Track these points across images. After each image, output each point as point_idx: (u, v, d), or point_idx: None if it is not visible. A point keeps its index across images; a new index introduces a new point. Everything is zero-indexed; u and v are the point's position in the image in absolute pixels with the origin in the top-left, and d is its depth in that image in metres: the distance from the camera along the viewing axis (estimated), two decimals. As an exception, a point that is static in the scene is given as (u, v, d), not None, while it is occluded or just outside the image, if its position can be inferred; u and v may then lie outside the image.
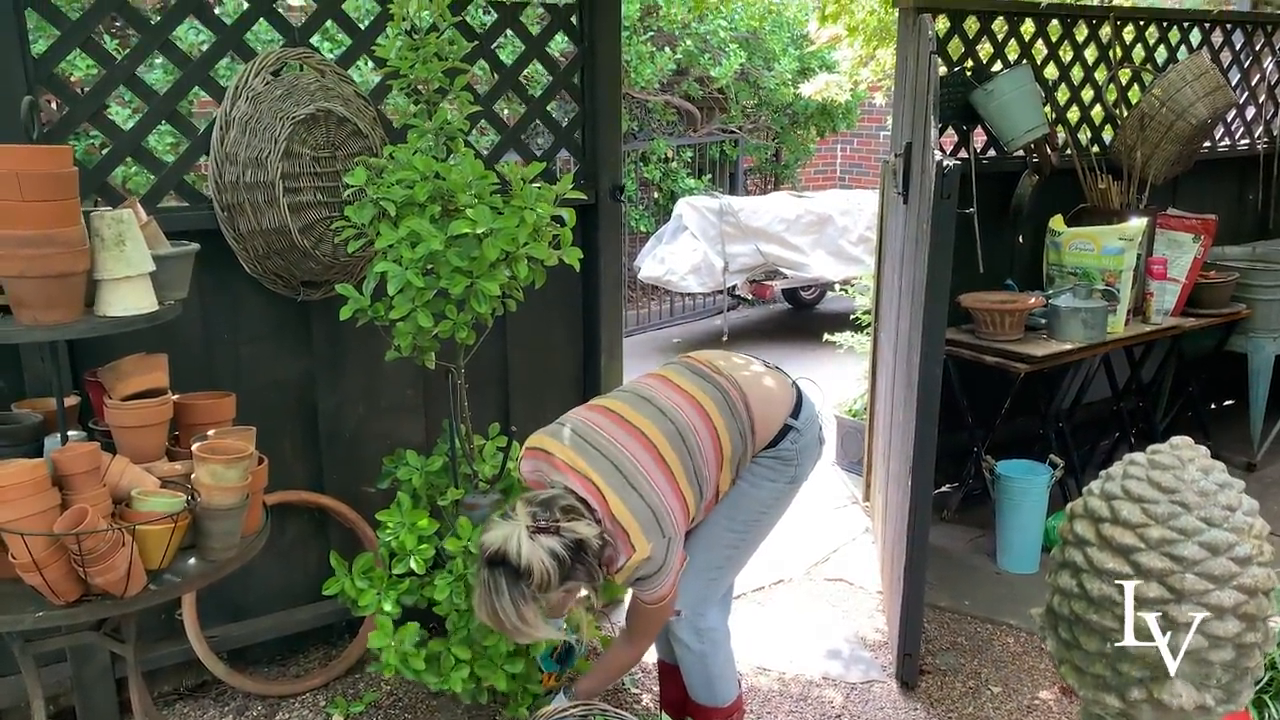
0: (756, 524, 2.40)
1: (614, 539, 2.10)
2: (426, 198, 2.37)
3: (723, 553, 2.39)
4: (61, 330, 1.92)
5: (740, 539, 2.41)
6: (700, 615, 2.41)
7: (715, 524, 2.37)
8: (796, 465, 2.38)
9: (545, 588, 2.00)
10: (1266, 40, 4.99)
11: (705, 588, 2.40)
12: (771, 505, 2.39)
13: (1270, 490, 4.40)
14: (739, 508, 2.37)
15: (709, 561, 2.39)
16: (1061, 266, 4.06)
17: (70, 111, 2.56)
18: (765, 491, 2.37)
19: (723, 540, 2.38)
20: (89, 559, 1.82)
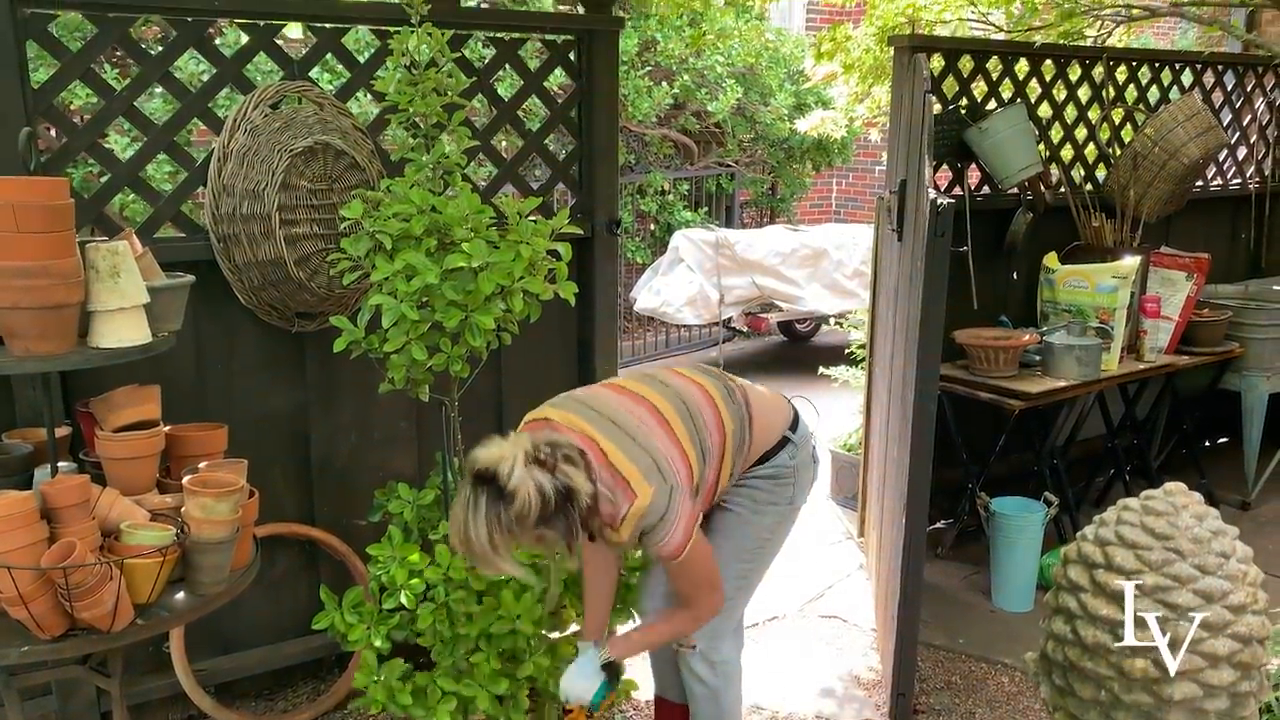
0: (761, 551, 2.39)
1: (614, 490, 2.03)
2: (423, 231, 2.37)
3: (732, 583, 2.33)
4: (54, 362, 1.91)
5: (747, 568, 2.39)
6: (714, 648, 2.38)
7: (720, 555, 2.32)
8: (794, 485, 2.36)
9: (522, 521, 1.91)
10: (1257, 81, 5.04)
11: (718, 620, 2.34)
12: (773, 530, 2.38)
13: (1265, 529, 4.39)
14: (743, 536, 2.35)
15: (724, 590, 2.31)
16: (1056, 303, 4.08)
17: (69, 142, 2.57)
18: (767, 517, 2.35)
19: (730, 571, 2.32)
20: (76, 593, 1.80)
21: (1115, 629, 1.31)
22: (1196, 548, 1.29)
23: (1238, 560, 1.31)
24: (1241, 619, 1.28)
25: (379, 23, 2.96)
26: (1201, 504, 1.34)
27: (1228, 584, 1.27)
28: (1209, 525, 1.31)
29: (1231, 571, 1.29)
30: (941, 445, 3.84)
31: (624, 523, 2.04)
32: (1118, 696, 1.31)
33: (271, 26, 2.77)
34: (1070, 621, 1.38)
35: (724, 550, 2.33)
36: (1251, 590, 1.30)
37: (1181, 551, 1.28)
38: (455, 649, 2.44)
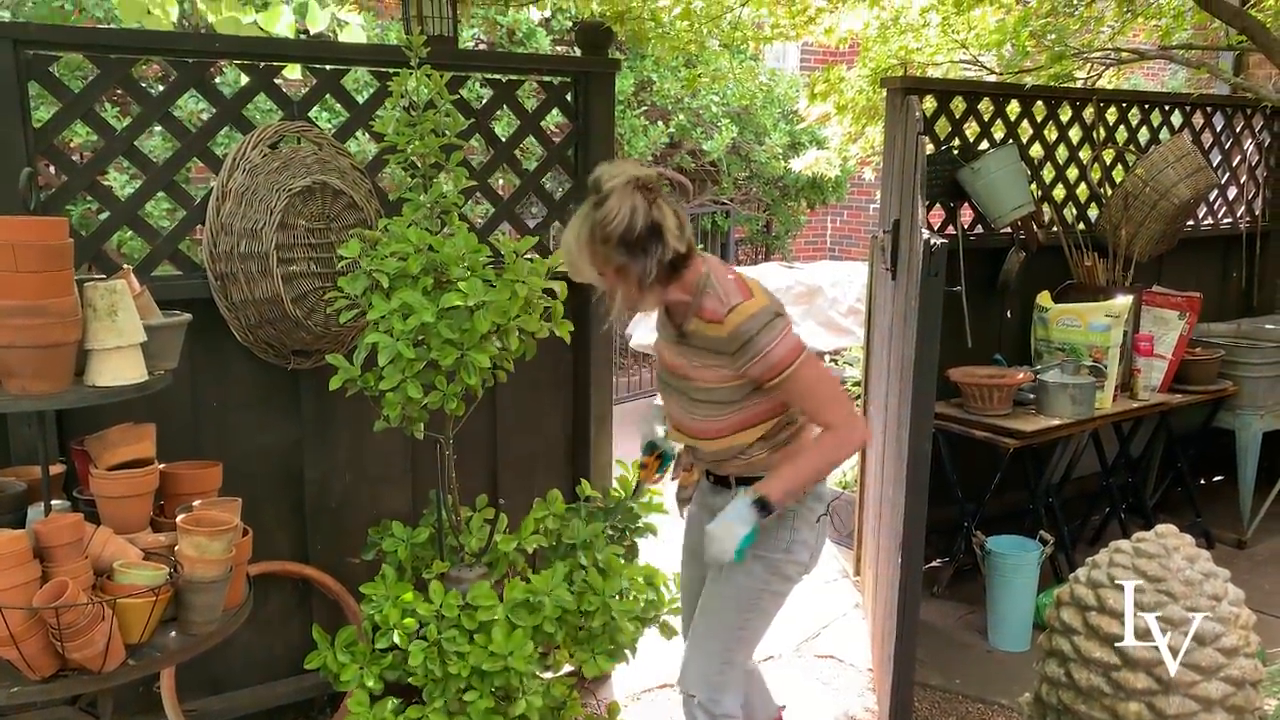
0: (758, 601, 2.30)
1: (727, 289, 2.08)
2: (420, 270, 2.39)
3: (732, 634, 2.30)
4: (50, 400, 1.91)
5: (746, 618, 2.31)
6: (715, 701, 2.30)
7: (716, 604, 2.31)
8: (791, 530, 2.28)
9: (606, 232, 1.99)
10: (1246, 122, 5.10)
11: (719, 673, 2.30)
12: (767, 580, 2.29)
13: (1261, 568, 4.38)
14: (739, 584, 2.28)
15: (719, 647, 2.31)
16: (1049, 342, 4.10)
17: (69, 181, 2.59)
18: (762, 564, 2.27)
19: (728, 620, 2.29)
20: (67, 633, 1.79)
21: (1109, 672, 1.31)
22: (1188, 590, 1.29)
23: (1229, 603, 1.31)
24: (1234, 662, 1.28)
25: (378, 64, 3.00)
26: (1193, 545, 1.35)
27: (1220, 627, 1.28)
28: (1200, 568, 1.32)
29: (1223, 614, 1.30)
30: (937, 484, 3.83)
31: (731, 314, 2.05)
32: (1112, 740, 1.32)
33: (271, 68, 2.80)
34: (1064, 664, 1.38)
35: (721, 598, 2.30)
36: (1244, 633, 1.30)
37: (1173, 594, 1.28)
38: (447, 688, 2.42)
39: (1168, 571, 1.31)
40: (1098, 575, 1.38)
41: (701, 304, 2.10)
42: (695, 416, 2.22)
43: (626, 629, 2.58)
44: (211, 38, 2.87)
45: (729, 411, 2.18)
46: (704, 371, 2.17)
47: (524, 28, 6.64)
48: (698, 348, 2.16)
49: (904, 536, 2.81)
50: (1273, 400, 4.48)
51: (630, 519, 2.88)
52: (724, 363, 2.13)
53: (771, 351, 2.06)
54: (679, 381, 2.25)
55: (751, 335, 2.06)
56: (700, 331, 2.13)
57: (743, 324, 2.06)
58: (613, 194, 2.00)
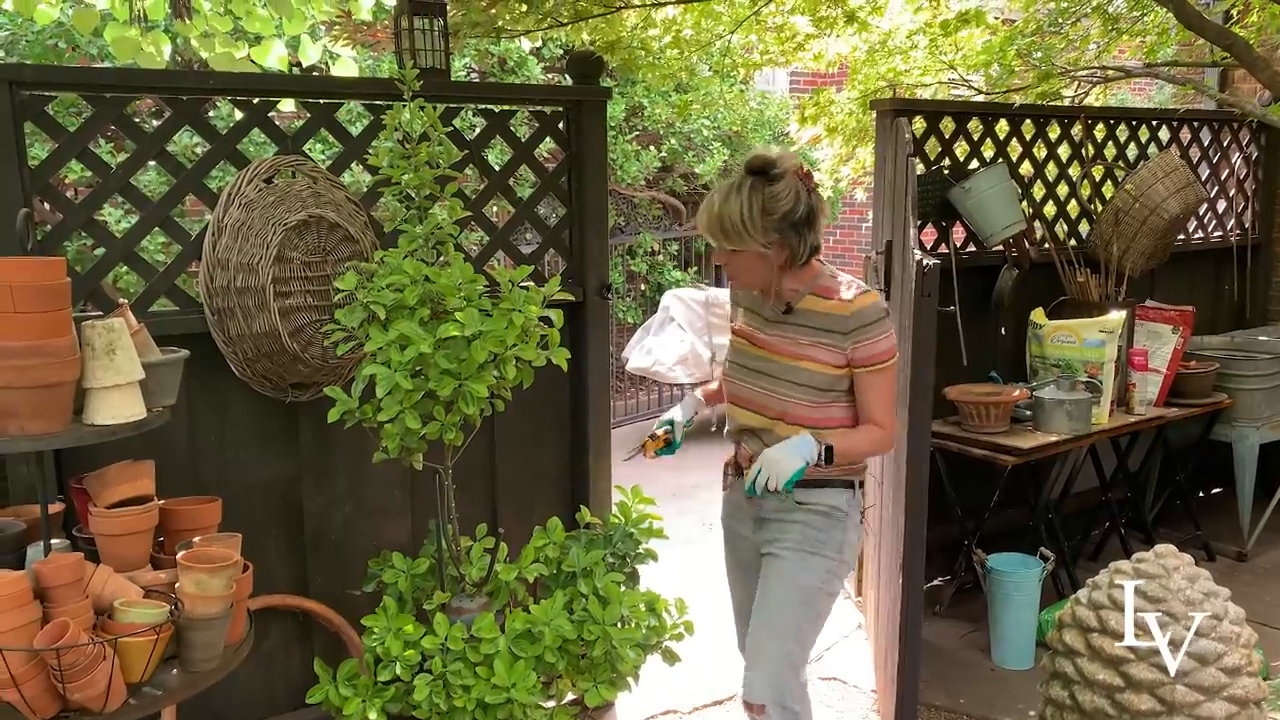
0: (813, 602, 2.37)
1: (847, 281, 2.33)
2: (416, 301, 2.40)
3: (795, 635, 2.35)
4: (48, 441, 1.92)
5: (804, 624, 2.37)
6: (787, 707, 2.33)
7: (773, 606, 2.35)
8: (844, 531, 2.36)
9: (772, 207, 2.19)
10: (1233, 136, 5.14)
11: (787, 676, 2.34)
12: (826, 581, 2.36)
13: (1262, 580, 4.38)
14: (794, 586, 2.35)
15: (782, 650, 2.34)
16: (1044, 358, 4.11)
17: (65, 219, 2.60)
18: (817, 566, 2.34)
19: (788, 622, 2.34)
20: (69, 674, 1.78)
21: (1113, 694, 1.31)
22: (1189, 609, 1.30)
23: (1230, 622, 1.32)
24: (1237, 681, 1.28)
25: (372, 97, 3.02)
26: (1192, 565, 1.35)
27: (1222, 646, 1.28)
28: (1201, 587, 1.32)
29: (1225, 634, 1.30)
30: (936, 502, 3.84)
31: (861, 296, 2.28)
32: (1118, 762, 1.32)
33: (266, 103, 2.83)
34: (1068, 686, 1.38)
35: (780, 600, 2.35)
36: (1245, 653, 1.30)
37: (1175, 615, 1.29)
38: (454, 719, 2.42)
39: (1168, 592, 1.31)
40: (1098, 596, 1.38)
41: (823, 285, 2.33)
42: (785, 399, 2.34)
43: (628, 657, 2.57)
44: (206, 74, 2.90)
45: (825, 400, 2.33)
46: (811, 350, 2.32)
47: (515, 56, 6.69)
48: (808, 326, 2.33)
49: (904, 557, 2.81)
50: (1269, 412, 4.49)
51: (630, 546, 2.88)
52: (834, 341, 2.30)
53: (879, 341, 2.28)
54: (772, 364, 2.38)
55: (871, 320, 2.27)
56: (815, 309, 2.32)
57: (867, 308, 2.27)
58: (785, 176, 2.21)
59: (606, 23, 3.82)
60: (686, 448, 2.71)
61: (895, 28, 4.33)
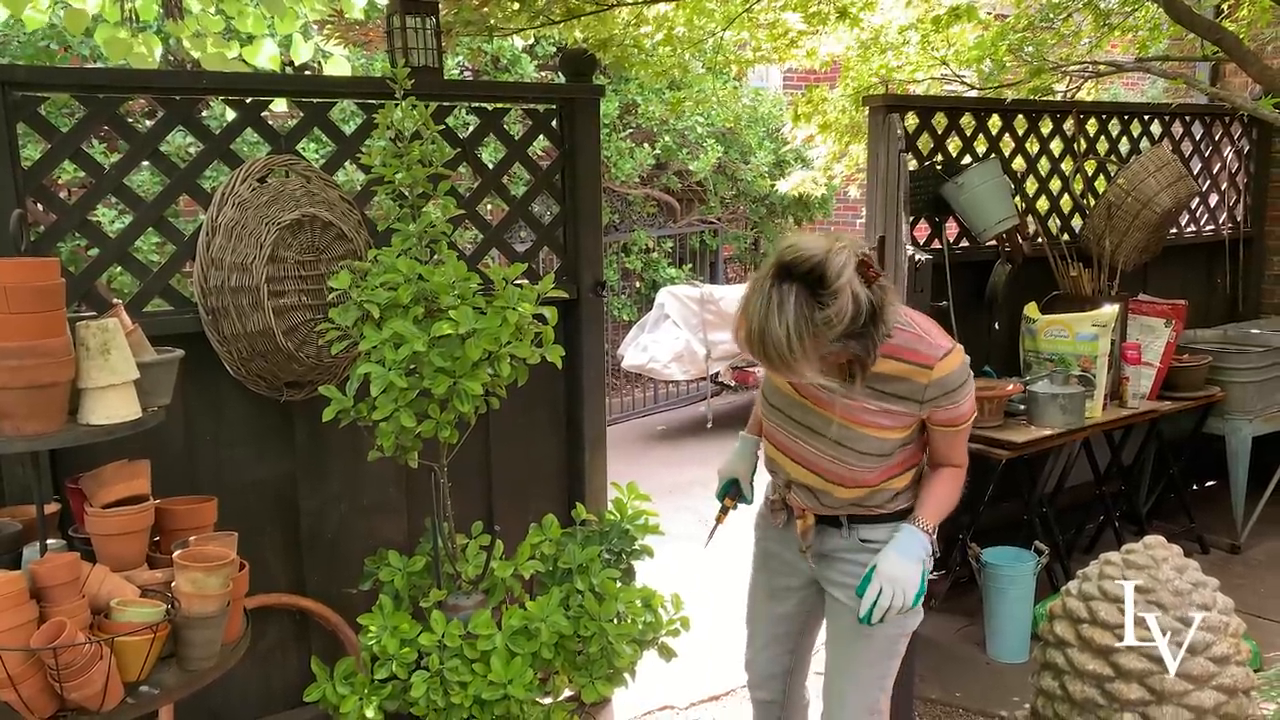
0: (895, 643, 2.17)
1: (928, 336, 1.94)
2: (410, 299, 2.41)
3: (880, 685, 2.17)
4: (43, 441, 1.92)
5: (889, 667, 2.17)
6: None
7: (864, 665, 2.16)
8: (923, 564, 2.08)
9: (830, 328, 1.71)
10: (1225, 130, 5.16)
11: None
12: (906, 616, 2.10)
13: (1255, 572, 4.39)
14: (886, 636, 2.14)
15: (867, 703, 2.16)
16: (1038, 353, 4.12)
17: (59, 220, 2.61)
18: None
19: (878, 674, 2.16)
20: (65, 673, 1.79)
21: (1103, 684, 1.32)
22: (1178, 600, 1.31)
23: (1219, 612, 1.33)
24: (1226, 670, 1.29)
25: (364, 96, 3.03)
26: (1181, 556, 1.36)
27: (1210, 636, 1.29)
28: (1189, 578, 1.33)
29: (1213, 623, 1.31)
30: (930, 497, 3.85)
31: (945, 360, 1.91)
32: (1108, 751, 1.33)
33: (259, 102, 2.83)
34: (1058, 677, 1.39)
35: (863, 653, 2.14)
36: (1234, 642, 1.31)
37: (1163, 604, 1.30)
38: (450, 718, 2.42)
39: (1157, 582, 1.32)
40: (1088, 588, 1.39)
41: (899, 345, 1.92)
42: (847, 465, 2.04)
43: (624, 653, 2.58)
44: (199, 74, 2.90)
45: (886, 463, 2.05)
46: (878, 417, 1.99)
47: (508, 54, 6.69)
48: (878, 390, 1.95)
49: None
50: (1261, 404, 4.51)
51: (626, 542, 2.88)
52: (907, 407, 1.98)
53: (962, 404, 1.99)
54: (822, 420, 2.04)
55: (955, 386, 1.95)
56: (886, 372, 1.94)
57: (952, 374, 1.94)
58: (840, 294, 1.71)
59: (599, 20, 3.83)
60: (682, 443, 2.71)
61: (887, 23, 4.34)
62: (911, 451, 2.09)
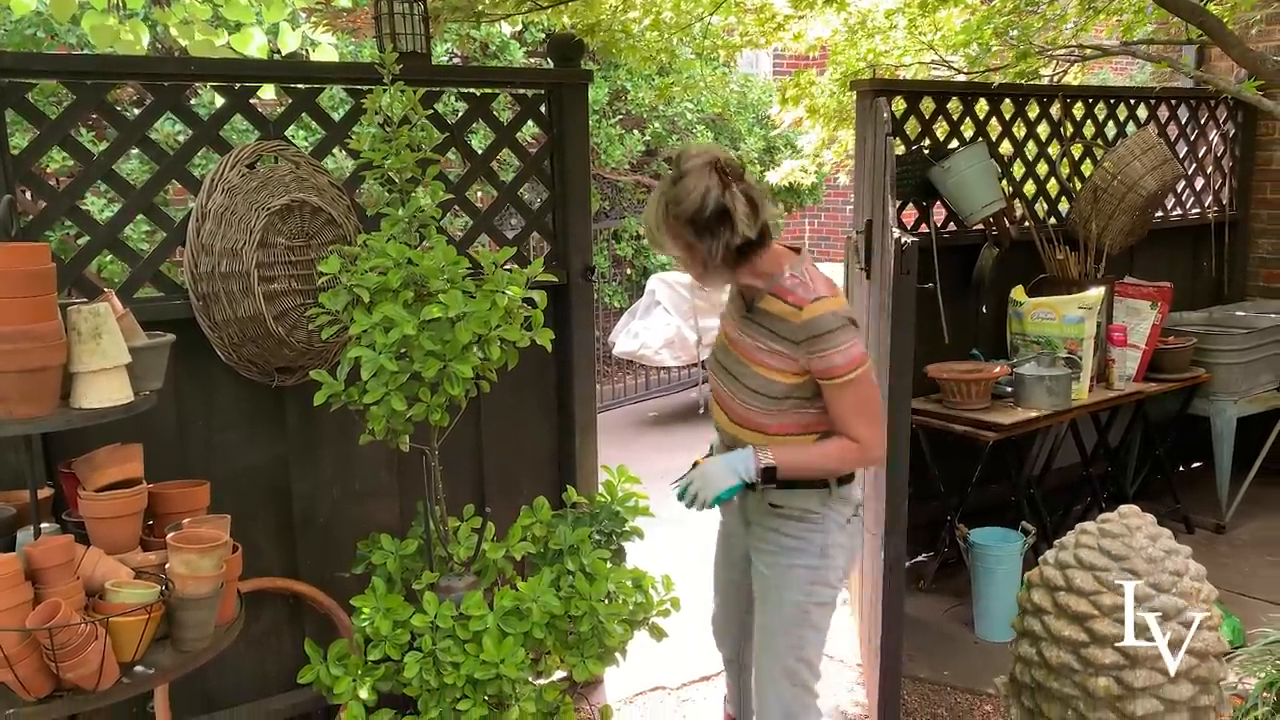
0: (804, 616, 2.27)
1: (813, 283, 2.12)
2: (400, 284, 2.42)
3: (795, 656, 2.28)
4: (37, 424, 1.93)
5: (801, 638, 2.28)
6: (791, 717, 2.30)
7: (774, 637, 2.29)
8: (823, 533, 2.24)
9: (679, 201, 2.04)
10: (1210, 114, 5.19)
11: (793, 700, 2.29)
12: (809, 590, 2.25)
13: (1240, 551, 4.45)
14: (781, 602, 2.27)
15: (784, 673, 2.29)
16: (1025, 335, 4.16)
17: (48, 207, 2.61)
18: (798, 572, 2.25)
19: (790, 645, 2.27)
20: (61, 653, 1.81)
21: (1078, 649, 1.35)
22: (1151, 567, 1.34)
23: (1191, 578, 1.36)
24: (1198, 635, 1.32)
25: (352, 82, 3.03)
26: (1155, 525, 1.39)
27: (1182, 601, 1.32)
28: (1162, 545, 1.36)
29: (1185, 589, 1.34)
30: (919, 479, 3.89)
31: (814, 304, 2.08)
32: (1083, 715, 1.35)
33: (247, 89, 2.83)
34: (1035, 643, 1.42)
35: (772, 627, 2.27)
36: (1205, 606, 1.34)
37: (1137, 571, 1.33)
38: (442, 698, 2.45)
39: (1131, 550, 1.35)
40: (1065, 556, 1.42)
41: (784, 287, 2.14)
42: (746, 405, 2.23)
43: (615, 632, 2.60)
44: (187, 60, 2.90)
45: (780, 409, 2.18)
46: (767, 357, 2.17)
47: (497, 41, 6.68)
48: (766, 328, 2.17)
49: (886, 530, 2.85)
50: (1246, 385, 4.55)
51: (617, 523, 2.91)
52: (788, 349, 2.14)
53: (833, 354, 2.09)
54: (736, 364, 2.24)
55: (824, 331, 2.09)
56: (771, 311, 2.15)
57: (819, 318, 2.09)
58: (690, 174, 2.04)
59: (586, 5, 3.83)
60: (673, 428, 2.75)
61: (875, 5, 4.35)
62: (813, 417, 2.20)
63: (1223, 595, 3.87)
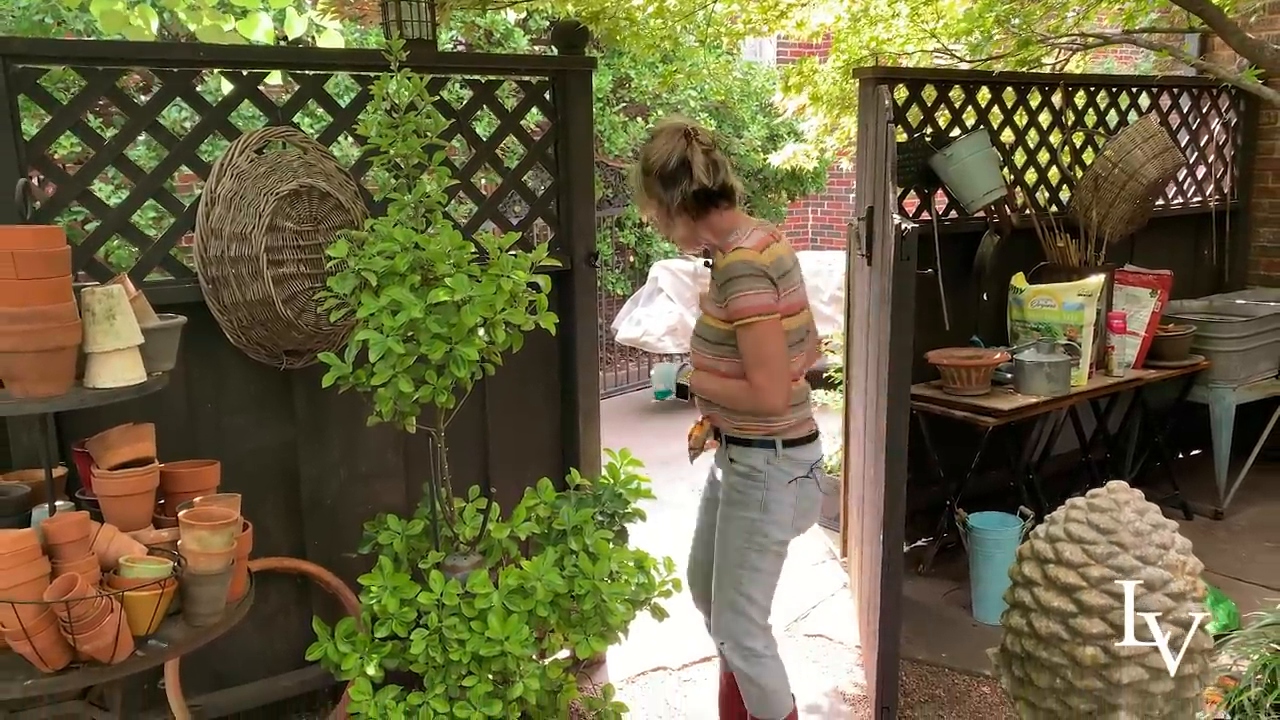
0: (744, 557, 2.55)
1: (740, 230, 2.44)
2: (407, 268, 2.46)
3: (737, 587, 2.56)
4: (52, 403, 1.98)
5: (739, 574, 2.56)
6: (737, 646, 2.59)
7: (721, 568, 2.58)
8: (765, 490, 2.51)
9: (649, 158, 2.42)
10: (1213, 102, 5.21)
11: (735, 620, 2.58)
12: (749, 537, 2.54)
13: (1238, 537, 4.48)
14: (727, 541, 2.57)
15: (729, 600, 2.57)
16: (1025, 322, 4.19)
17: (60, 191, 2.65)
18: (740, 523, 2.54)
19: (732, 578, 2.57)
20: (78, 626, 1.86)
21: (1066, 619, 1.39)
22: (1138, 540, 1.38)
23: (1177, 551, 1.40)
24: (1182, 605, 1.36)
25: (359, 68, 3.06)
26: (1142, 500, 1.43)
27: (1167, 573, 1.36)
28: (1149, 519, 1.40)
29: (1171, 561, 1.38)
30: (919, 464, 3.93)
31: (731, 253, 2.39)
32: (1071, 683, 1.40)
33: (255, 75, 2.86)
34: (1025, 615, 1.46)
35: (720, 560, 2.59)
36: (1190, 579, 1.38)
37: (1124, 544, 1.37)
38: (448, 674, 2.49)
39: (1118, 524, 1.39)
40: (1054, 530, 1.46)
41: (729, 242, 2.43)
42: (699, 351, 2.56)
43: (617, 611, 2.65)
44: (196, 47, 2.93)
45: (720, 354, 2.49)
46: (709, 305, 2.49)
47: (501, 28, 6.70)
48: (713, 279, 2.48)
49: (885, 510, 2.89)
50: (1245, 373, 4.59)
51: (619, 505, 2.95)
52: (715, 294, 2.45)
53: (740, 297, 2.36)
54: (699, 315, 2.58)
55: (735, 276, 2.36)
56: (717, 264, 2.45)
57: (732, 264, 2.36)
58: (660, 135, 2.42)
59: (591, -7, 3.85)
60: (675, 415, 2.84)
61: (877, -5, 4.37)
62: (732, 365, 2.47)
63: (1220, 580, 3.92)
